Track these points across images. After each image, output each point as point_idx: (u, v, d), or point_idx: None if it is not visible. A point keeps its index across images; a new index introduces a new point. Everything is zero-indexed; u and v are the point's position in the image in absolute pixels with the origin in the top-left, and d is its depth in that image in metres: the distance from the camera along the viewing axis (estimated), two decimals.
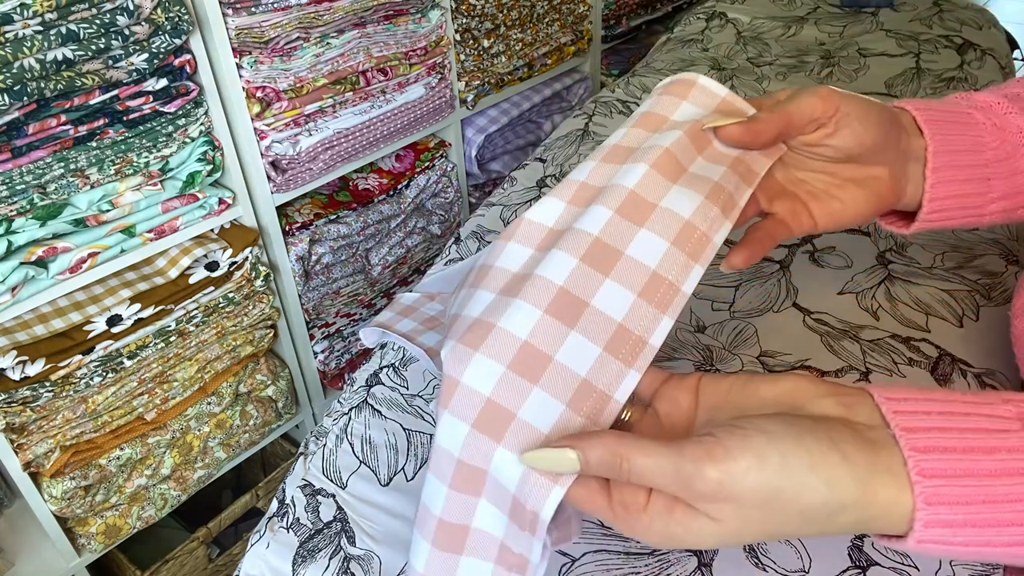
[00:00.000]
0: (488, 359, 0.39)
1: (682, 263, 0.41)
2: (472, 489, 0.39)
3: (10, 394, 0.96)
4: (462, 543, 0.40)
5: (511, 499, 0.38)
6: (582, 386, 0.39)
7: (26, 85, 0.85)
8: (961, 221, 0.53)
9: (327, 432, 0.66)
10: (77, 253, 0.99)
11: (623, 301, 0.40)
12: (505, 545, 0.39)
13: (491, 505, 0.39)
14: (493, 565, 0.40)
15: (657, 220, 0.42)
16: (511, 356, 0.39)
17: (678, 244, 0.42)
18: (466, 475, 0.39)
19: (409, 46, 1.33)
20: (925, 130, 0.51)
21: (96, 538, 1.15)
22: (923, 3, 1.49)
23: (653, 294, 0.41)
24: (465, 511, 0.40)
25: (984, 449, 0.33)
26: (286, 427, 1.41)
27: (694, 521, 0.34)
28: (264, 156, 1.18)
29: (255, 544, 0.59)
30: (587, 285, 0.41)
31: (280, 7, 1.10)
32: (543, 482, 0.37)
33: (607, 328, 0.40)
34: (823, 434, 0.34)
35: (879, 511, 0.33)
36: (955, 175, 0.51)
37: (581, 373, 0.39)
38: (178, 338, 1.13)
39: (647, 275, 0.41)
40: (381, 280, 1.49)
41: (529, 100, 1.71)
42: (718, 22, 1.47)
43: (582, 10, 1.74)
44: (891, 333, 0.69)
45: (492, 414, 0.38)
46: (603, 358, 0.39)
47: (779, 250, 0.80)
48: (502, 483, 0.38)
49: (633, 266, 0.41)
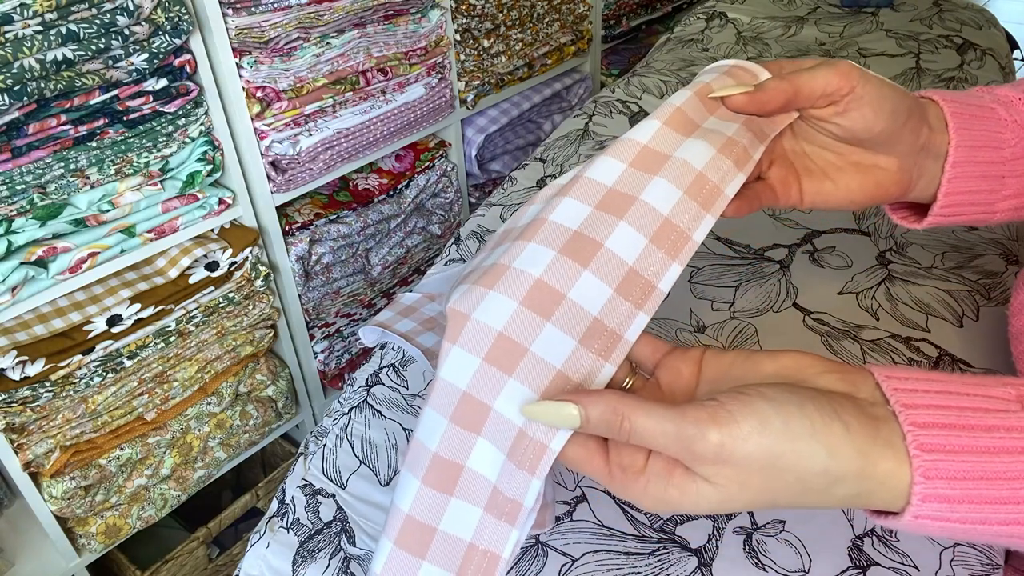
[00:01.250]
0: (501, 295, 0.39)
1: (693, 212, 0.42)
2: (473, 425, 0.39)
3: (10, 394, 0.96)
4: (453, 483, 0.39)
5: (514, 434, 0.38)
6: (594, 324, 0.39)
7: (26, 85, 0.85)
8: (971, 218, 0.53)
9: (327, 432, 0.66)
10: (77, 253, 0.99)
11: (635, 245, 0.41)
12: (498, 490, 0.39)
13: (489, 444, 0.39)
14: (482, 511, 0.39)
15: (670, 169, 0.43)
16: (524, 293, 0.39)
17: (691, 194, 0.42)
18: (469, 409, 0.39)
19: (409, 46, 1.33)
20: (951, 124, 0.50)
21: (96, 538, 1.15)
22: (923, 3, 1.49)
23: (664, 240, 0.41)
24: (462, 447, 0.39)
25: (983, 427, 0.33)
26: (286, 427, 1.41)
27: (691, 484, 0.34)
28: (264, 156, 1.18)
29: (255, 544, 0.59)
30: (600, 229, 0.41)
31: (280, 7, 1.10)
32: None
33: (619, 270, 0.40)
34: (826, 404, 0.34)
35: (877, 484, 0.33)
36: (972, 171, 0.51)
37: (593, 312, 0.39)
38: (178, 338, 1.13)
39: (659, 221, 0.41)
40: (381, 280, 1.49)
41: (529, 100, 1.71)
42: (718, 22, 1.47)
43: (582, 10, 1.74)
44: (891, 333, 0.69)
45: (504, 348, 0.38)
46: (614, 299, 0.40)
47: (779, 250, 0.80)
48: (507, 417, 0.38)
49: (646, 211, 0.41)
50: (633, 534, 0.54)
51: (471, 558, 0.39)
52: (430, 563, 0.39)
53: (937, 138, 0.50)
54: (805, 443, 0.33)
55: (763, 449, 0.33)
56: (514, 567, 0.53)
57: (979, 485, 0.32)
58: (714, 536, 0.54)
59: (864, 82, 0.45)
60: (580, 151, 1.05)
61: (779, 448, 0.33)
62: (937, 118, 0.50)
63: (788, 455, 0.33)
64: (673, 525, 0.55)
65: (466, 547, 0.39)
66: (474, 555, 0.39)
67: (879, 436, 0.33)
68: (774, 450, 0.33)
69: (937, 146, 0.50)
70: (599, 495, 0.58)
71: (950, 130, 0.50)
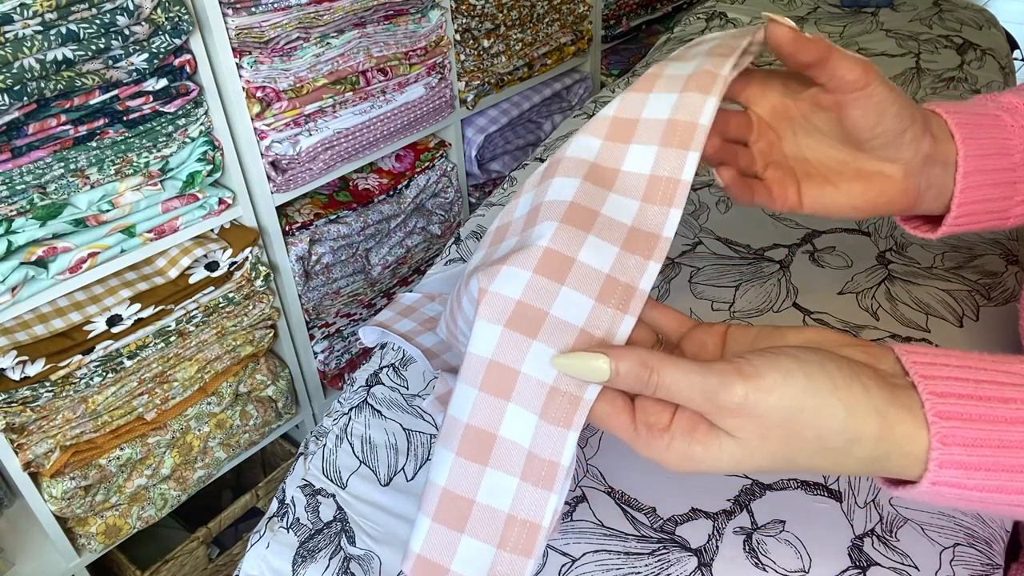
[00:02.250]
0: (514, 268, 0.41)
1: (674, 158, 0.44)
2: (502, 391, 0.40)
3: (10, 394, 0.96)
4: (487, 453, 0.40)
5: (545, 392, 0.39)
6: (607, 281, 0.41)
7: (26, 85, 0.85)
8: (985, 225, 0.53)
9: (327, 432, 0.66)
10: (77, 253, 0.99)
11: (630, 206, 0.43)
12: (533, 454, 0.39)
13: (520, 408, 0.39)
14: (518, 480, 0.39)
15: (641, 132, 0.45)
16: (535, 262, 0.41)
17: (666, 143, 0.44)
18: (497, 376, 0.40)
19: (409, 46, 1.33)
20: (956, 134, 0.50)
21: (96, 538, 1.15)
22: (923, 3, 1.49)
23: (655, 195, 0.43)
24: (493, 415, 0.40)
25: (1000, 399, 0.34)
26: (286, 427, 1.41)
27: (714, 440, 0.36)
28: (264, 156, 1.18)
29: (255, 544, 0.59)
30: (594, 198, 0.43)
31: (280, 7, 1.10)
32: None
33: (620, 229, 0.42)
34: (846, 366, 0.35)
35: (895, 447, 0.34)
36: (984, 180, 0.51)
37: (604, 270, 0.41)
38: (178, 338, 1.13)
39: (646, 181, 0.44)
40: (381, 280, 1.49)
41: (529, 100, 1.71)
42: (718, 22, 1.47)
43: (582, 10, 1.74)
44: (891, 333, 0.69)
45: (524, 314, 0.40)
46: (622, 255, 0.41)
47: (779, 250, 0.80)
48: (536, 378, 0.39)
49: (631, 178, 0.44)
50: (633, 534, 0.54)
51: (511, 529, 0.39)
52: (470, 536, 0.40)
53: (943, 148, 0.50)
54: (825, 399, 0.34)
55: (785, 401, 0.34)
56: None
57: (996, 453, 0.33)
58: (714, 536, 0.54)
59: (879, 82, 0.46)
60: None
61: (800, 402, 0.34)
62: (941, 129, 0.50)
63: (808, 409, 0.34)
64: (673, 525, 0.55)
65: (505, 518, 0.39)
66: (513, 525, 0.39)
67: (897, 400, 0.35)
68: (796, 404, 0.34)
69: (944, 154, 0.50)
70: (599, 495, 0.58)
71: (957, 140, 0.50)
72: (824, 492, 0.57)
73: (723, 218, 0.87)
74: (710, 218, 0.87)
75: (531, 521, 0.39)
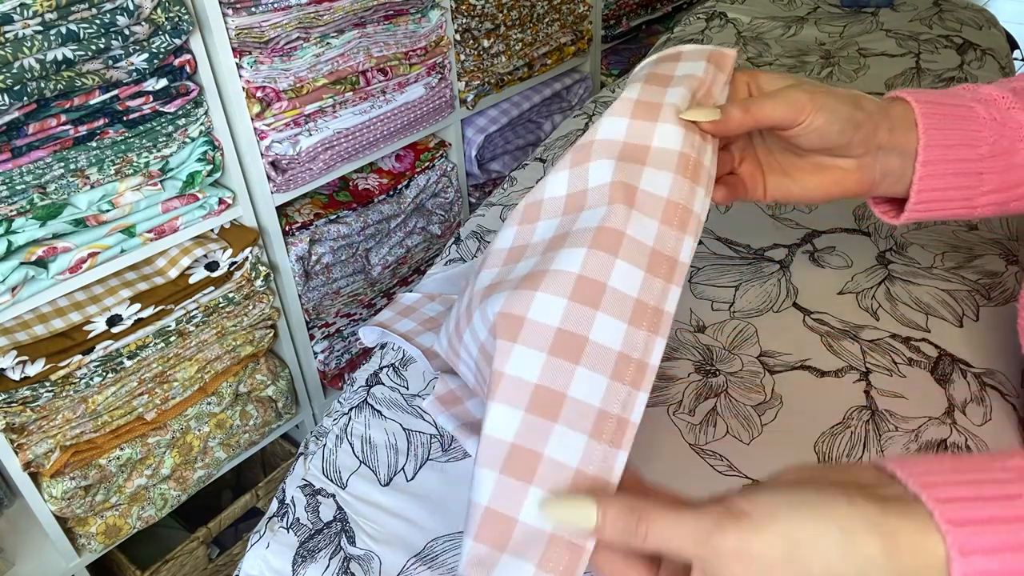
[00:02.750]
0: (548, 295, 0.42)
1: (687, 190, 0.47)
2: (550, 413, 0.41)
3: (10, 394, 0.96)
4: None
5: (593, 417, 0.41)
6: (638, 305, 0.43)
7: (26, 85, 0.85)
8: (951, 213, 0.55)
9: (327, 432, 0.66)
10: (77, 253, 0.99)
11: (650, 229, 0.45)
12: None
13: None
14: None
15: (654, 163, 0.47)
16: (570, 288, 0.42)
17: (680, 172, 0.47)
18: (545, 399, 0.41)
19: (409, 46, 1.33)
20: (921, 124, 0.52)
21: (96, 538, 1.15)
22: (923, 3, 1.49)
23: (672, 218, 0.46)
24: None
25: (1006, 496, 0.32)
26: (286, 427, 1.41)
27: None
28: (264, 156, 1.18)
29: (255, 544, 0.59)
30: (619, 223, 0.45)
31: (280, 7, 1.10)
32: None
33: (644, 253, 0.44)
34: (827, 487, 0.34)
35: (908, 560, 0.32)
36: (946, 169, 0.52)
37: (635, 291, 0.43)
38: (178, 338, 1.13)
39: (662, 204, 0.46)
40: (381, 280, 1.49)
41: (529, 100, 1.71)
42: (718, 22, 1.47)
43: (582, 10, 1.74)
44: (891, 333, 0.69)
45: (565, 341, 0.41)
46: (647, 278, 0.44)
47: (779, 250, 0.80)
48: (583, 400, 0.41)
49: (648, 200, 0.46)
50: None
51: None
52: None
53: (902, 136, 0.52)
54: (816, 524, 0.32)
55: (780, 535, 0.33)
56: None
57: (1018, 557, 0.31)
58: None
59: (815, 110, 0.50)
60: None
61: (796, 533, 0.32)
62: (906, 118, 0.52)
63: (806, 542, 0.32)
64: None
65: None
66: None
67: (889, 509, 0.32)
68: (792, 535, 0.32)
69: (903, 144, 0.52)
70: None
71: (919, 130, 0.52)
72: None
73: (723, 218, 0.87)
74: (710, 218, 0.87)
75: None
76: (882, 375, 0.64)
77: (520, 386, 0.41)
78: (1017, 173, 0.53)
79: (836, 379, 0.65)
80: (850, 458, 0.59)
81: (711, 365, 0.67)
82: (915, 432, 0.60)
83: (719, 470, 0.58)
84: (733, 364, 0.67)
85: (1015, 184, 0.53)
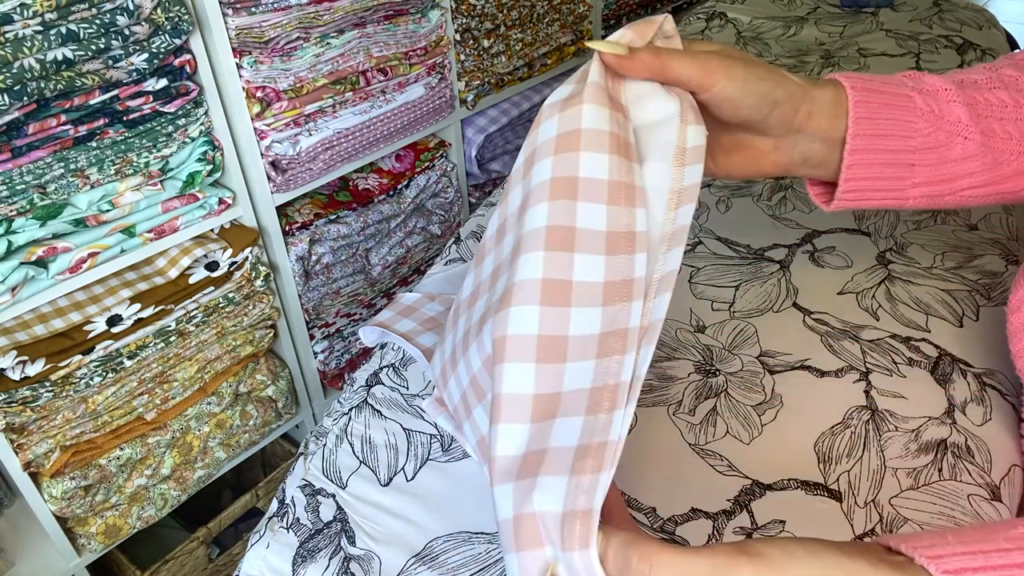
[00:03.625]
0: (520, 307, 0.43)
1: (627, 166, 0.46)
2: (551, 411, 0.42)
3: (10, 394, 0.96)
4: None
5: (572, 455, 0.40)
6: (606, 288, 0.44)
7: (26, 85, 0.85)
8: (881, 202, 0.54)
9: (327, 432, 0.66)
10: (77, 253, 0.99)
11: (599, 214, 0.45)
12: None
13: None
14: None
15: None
16: (538, 295, 0.43)
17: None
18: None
19: (409, 46, 1.33)
20: (852, 112, 0.51)
21: (96, 538, 1.15)
22: (923, 3, 1.49)
23: (619, 197, 0.45)
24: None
25: (1014, 565, 0.32)
26: (286, 427, 1.41)
27: None
28: (264, 156, 1.18)
29: (255, 544, 0.59)
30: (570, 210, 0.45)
31: (280, 7, 1.10)
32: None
33: (598, 239, 0.44)
34: (847, 546, 0.34)
35: None
36: (875, 159, 0.51)
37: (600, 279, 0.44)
38: (178, 338, 1.13)
39: (605, 185, 0.45)
40: (381, 280, 1.49)
41: (529, 100, 1.71)
42: (718, 22, 1.47)
43: (582, 10, 1.74)
44: (891, 333, 0.69)
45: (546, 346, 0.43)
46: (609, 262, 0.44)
47: (779, 250, 0.80)
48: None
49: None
50: None
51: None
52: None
53: (826, 123, 0.51)
54: (836, 569, 0.32)
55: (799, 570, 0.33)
56: None
57: None
58: (714, 536, 0.54)
59: (727, 79, 0.48)
60: None
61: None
62: (835, 103, 0.51)
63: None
64: (673, 525, 0.55)
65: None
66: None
67: (903, 569, 0.33)
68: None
69: (826, 131, 0.51)
70: None
71: (850, 118, 0.51)
72: (824, 492, 0.56)
73: (723, 218, 0.87)
74: (710, 218, 0.87)
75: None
76: (882, 375, 0.65)
77: (519, 401, 0.41)
78: (950, 168, 0.52)
79: (836, 379, 0.65)
80: (850, 458, 0.59)
81: (711, 365, 0.67)
82: (915, 432, 0.60)
83: (719, 470, 0.58)
84: (733, 364, 0.67)
85: (948, 178, 0.53)
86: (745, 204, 0.89)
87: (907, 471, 0.57)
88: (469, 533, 0.56)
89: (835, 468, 0.58)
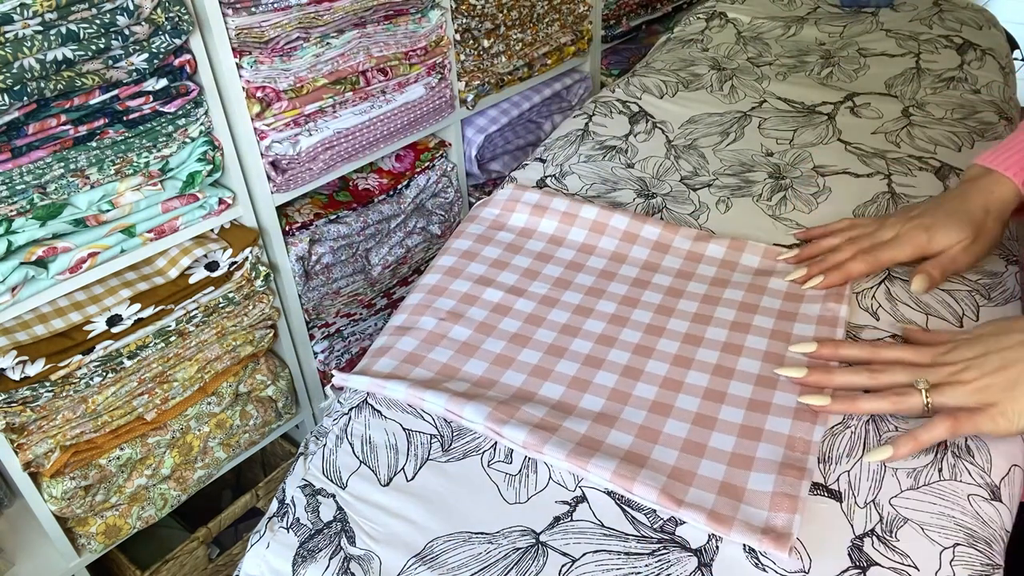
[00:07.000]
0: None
1: None
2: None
3: (10, 394, 0.96)
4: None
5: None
6: None
7: (26, 85, 0.85)
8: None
9: (327, 432, 0.66)
10: (77, 253, 0.99)
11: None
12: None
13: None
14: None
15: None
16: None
17: None
18: None
19: (409, 46, 1.33)
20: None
21: (96, 538, 1.15)
22: (923, 3, 1.49)
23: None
24: None
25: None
26: (286, 427, 1.42)
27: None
28: (264, 156, 1.18)
29: (255, 544, 0.59)
30: None
31: (280, 7, 1.10)
32: None
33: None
34: None
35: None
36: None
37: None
38: (178, 338, 1.13)
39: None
40: (381, 280, 1.49)
41: (529, 100, 1.71)
42: (718, 22, 1.47)
43: (582, 10, 1.74)
44: (891, 333, 0.69)
45: None
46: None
47: None
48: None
49: None
50: (633, 534, 0.54)
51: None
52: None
53: (1001, 205, 0.72)
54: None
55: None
56: (514, 567, 0.53)
57: None
58: (714, 536, 0.54)
59: (941, 280, 0.72)
60: (580, 151, 1.06)
61: None
62: (1008, 187, 0.71)
63: None
64: (673, 525, 0.55)
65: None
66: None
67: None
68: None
69: (1002, 209, 0.72)
70: (599, 495, 0.58)
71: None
72: (824, 492, 0.57)
73: (723, 218, 0.87)
74: (710, 218, 0.87)
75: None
76: None
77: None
78: None
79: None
80: (850, 458, 0.59)
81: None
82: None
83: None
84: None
85: None
86: (745, 204, 0.89)
87: (907, 471, 0.57)
88: (469, 533, 0.56)
89: (835, 468, 0.58)
